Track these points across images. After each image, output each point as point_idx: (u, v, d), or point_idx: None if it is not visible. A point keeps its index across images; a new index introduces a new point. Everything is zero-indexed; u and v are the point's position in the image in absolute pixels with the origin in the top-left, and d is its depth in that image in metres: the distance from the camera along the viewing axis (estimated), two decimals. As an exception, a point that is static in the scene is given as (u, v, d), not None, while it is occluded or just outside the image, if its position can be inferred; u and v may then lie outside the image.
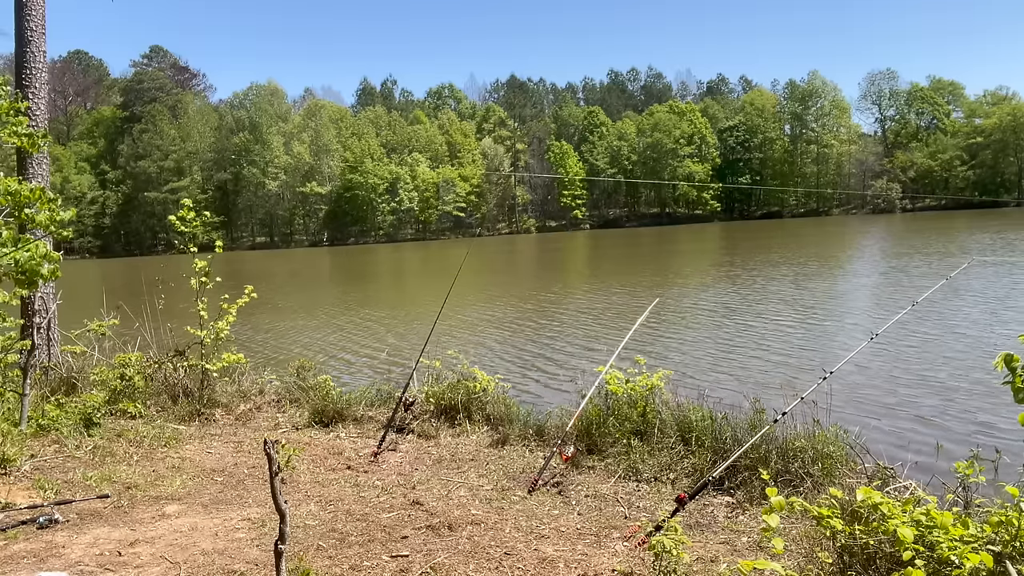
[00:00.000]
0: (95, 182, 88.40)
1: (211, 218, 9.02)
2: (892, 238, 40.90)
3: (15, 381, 6.42)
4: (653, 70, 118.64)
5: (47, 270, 4.72)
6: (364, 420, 7.05)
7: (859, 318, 14.49)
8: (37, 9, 8.08)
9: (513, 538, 4.13)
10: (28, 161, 7.78)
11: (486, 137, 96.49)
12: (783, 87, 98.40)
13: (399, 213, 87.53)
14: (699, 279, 24.40)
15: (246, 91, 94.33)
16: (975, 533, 2.78)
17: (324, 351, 13.66)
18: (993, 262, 22.33)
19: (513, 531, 4.26)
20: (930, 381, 9.07)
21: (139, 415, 6.87)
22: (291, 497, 4.86)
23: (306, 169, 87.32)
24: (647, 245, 49.88)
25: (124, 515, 4.61)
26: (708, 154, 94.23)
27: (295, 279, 35.54)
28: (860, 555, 3.07)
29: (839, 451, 4.82)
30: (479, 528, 4.29)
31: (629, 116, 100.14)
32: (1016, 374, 2.84)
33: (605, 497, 4.84)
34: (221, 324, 7.43)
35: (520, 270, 36.02)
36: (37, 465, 5.46)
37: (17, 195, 5.13)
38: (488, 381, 6.90)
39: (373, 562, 3.81)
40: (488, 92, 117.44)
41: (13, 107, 5.54)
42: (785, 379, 9.06)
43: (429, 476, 5.41)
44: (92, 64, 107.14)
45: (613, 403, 5.89)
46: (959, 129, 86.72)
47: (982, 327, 12.27)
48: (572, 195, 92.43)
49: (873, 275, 22.91)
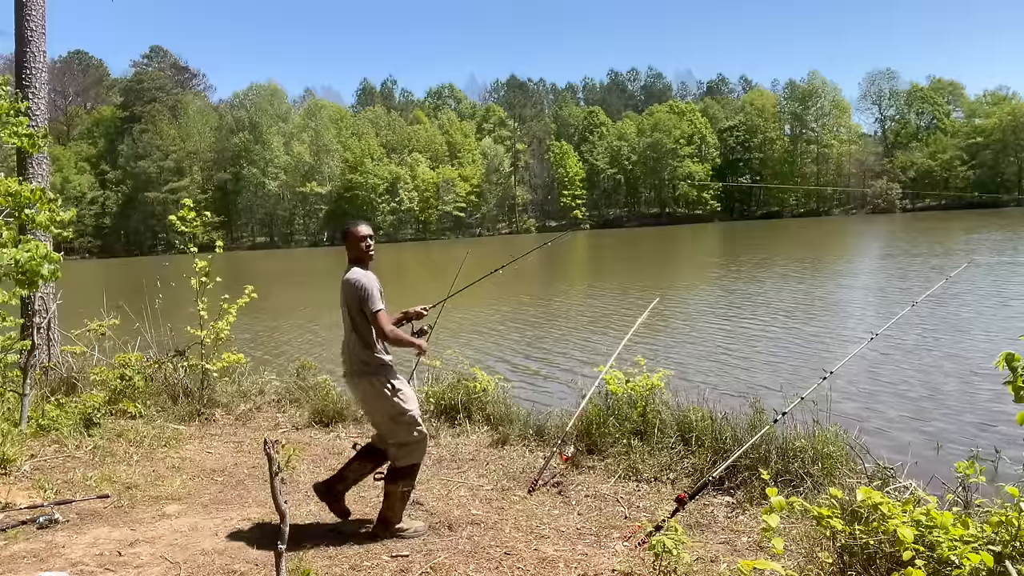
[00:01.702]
0: (95, 182, 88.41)
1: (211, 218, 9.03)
2: (892, 238, 40.91)
3: (15, 381, 6.42)
4: (653, 70, 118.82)
5: (48, 270, 4.72)
6: (364, 420, 7.04)
7: (859, 318, 14.50)
8: (37, 9, 8.08)
9: (513, 538, 4.14)
10: (28, 161, 7.78)
11: (486, 137, 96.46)
12: (783, 87, 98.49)
13: (399, 213, 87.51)
14: (699, 279, 24.40)
15: (246, 91, 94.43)
16: (975, 533, 2.78)
17: (324, 351, 13.65)
18: (993, 262, 22.34)
19: (513, 531, 4.26)
20: (930, 381, 9.06)
21: (139, 415, 6.86)
22: (291, 497, 4.86)
23: (306, 169, 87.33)
24: (647, 245, 49.89)
25: (124, 515, 4.61)
26: (708, 154, 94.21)
27: (295, 279, 35.53)
28: (860, 555, 3.07)
29: (839, 451, 4.82)
30: (479, 528, 4.30)
31: (629, 116, 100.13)
32: (1017, 373, 2.84)
33: (605, 497, 4.84)
34: (221, 324, 7.43)
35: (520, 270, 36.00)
36: (37, 465, 5.46)
37: (18, 196, 5.13)
38: (488, 381, 6.90)
39: (373, 562, 3.81)
40: (488, 92, 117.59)
41: (13, 107, 5.54)
42: (785, 379, 9.07)
43: (429, 476, 5.41)
44: (92, 64, 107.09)
45: (613, 403, 5.89)
46: (959, 129, 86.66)
47: (982, 326, 12.27)
48: (572, 195, 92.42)
49: (873, 275, 22.91)
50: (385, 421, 4.13)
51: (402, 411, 4.07)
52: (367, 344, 4.06)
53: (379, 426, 4.24)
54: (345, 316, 4.14)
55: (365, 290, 4.00)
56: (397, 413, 4.06)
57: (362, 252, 4.17)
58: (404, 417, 4.07)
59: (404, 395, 4.11)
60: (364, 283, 4.02)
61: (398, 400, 4.06)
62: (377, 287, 4.06)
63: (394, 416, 4.07)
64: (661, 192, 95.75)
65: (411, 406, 4.13)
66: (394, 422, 4.09)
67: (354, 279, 4.04)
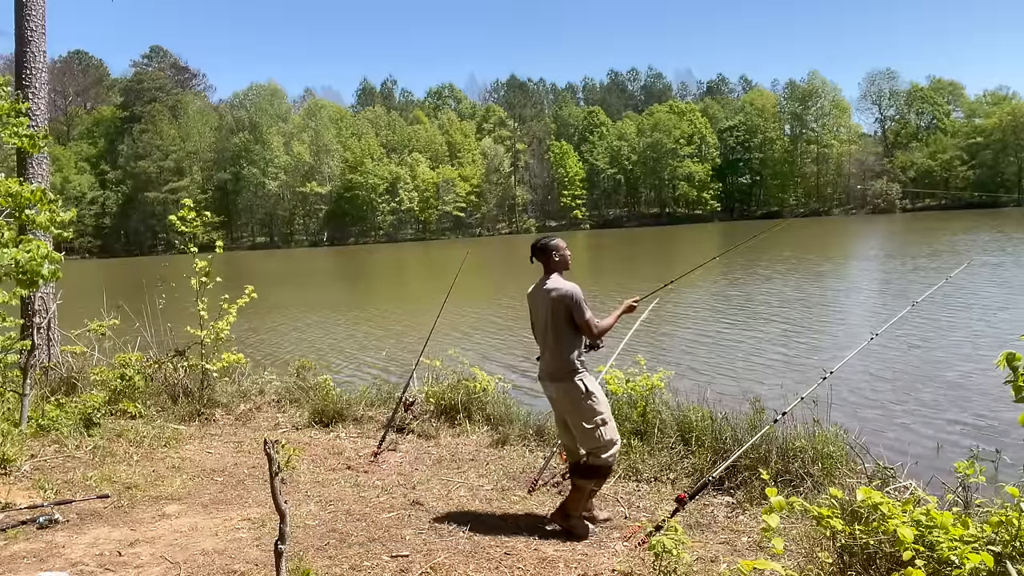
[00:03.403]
0: (95, 182, 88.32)
1: (211, 218, 9.02)
2: (892, 238, 40.91)
3: (15, 381, 6.42)
4: (653, 70, 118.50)
5: (48, 271, 4.72)
6: (364, 420, 7.05)
7: (859, 317, 14.50)
8: (37, 9, 8.08)
9: (513, 538, 4.14)
10: (28, 161, 7.78)
11: (486, 137, 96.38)
12: (783, 87, 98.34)
13: (399, 213, 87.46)
14: (699, 279, 24.39)
15: (246, 91, 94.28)
16: (975, 533, 2.78)
17: (324, 351, 13.66)
18: (993, 262, 22.33)
19: (513, 531, 4.26)
20: (930, 380, 9.07)
21: (139, 415, 6.87)
22: (291, 497, 4.86)
23: (306, 169, 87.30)
24: (647, 245, 49.88)
25: (124, 515, 4.61)
26: (708, 154, 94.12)
27: (295, 279, 35.53)
28: (860, 555, 3.07)
29: (839, 451, 4.82)
30: (479, 528, 4.29)
31: (629, 116, 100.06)
32: (1017, 373, 2.84)
33: (605, 497, 4.84)
34: (221, 324, 7.43)
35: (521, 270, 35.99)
36: (37, 465, 5.46)
37: (18, 196, 5.13)
38: (488, 381, 6.90)
39: (373, 562, 3.81)
40: (488, 92, 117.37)
41: (14, 108, 5.54)
42: (785, 379, 9.07)
43: (429, 476, 5.41)
44: (92, 64, 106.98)
45: (613, 403, 5.88)
46: (959, 129, 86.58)
47: (982, 326, 12.28)
48: (572, 195, 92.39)
49: (873, 274, 22.92)
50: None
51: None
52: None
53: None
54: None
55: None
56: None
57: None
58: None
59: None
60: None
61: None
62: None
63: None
64: (661, 192, 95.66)
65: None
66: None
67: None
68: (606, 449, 4.17)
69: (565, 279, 4.32)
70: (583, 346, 4.31)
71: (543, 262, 4.39)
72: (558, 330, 4.21)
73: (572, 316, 4.18)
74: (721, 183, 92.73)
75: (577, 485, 4.23)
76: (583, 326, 4.18)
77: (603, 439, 4.15)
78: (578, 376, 4.17)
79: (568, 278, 4.34)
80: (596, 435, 4.15)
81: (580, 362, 4.22)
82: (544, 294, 4.27)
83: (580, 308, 4.16)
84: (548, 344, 4.27)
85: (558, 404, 4.34)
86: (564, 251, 4.40)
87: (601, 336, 4.32)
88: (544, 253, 4.37)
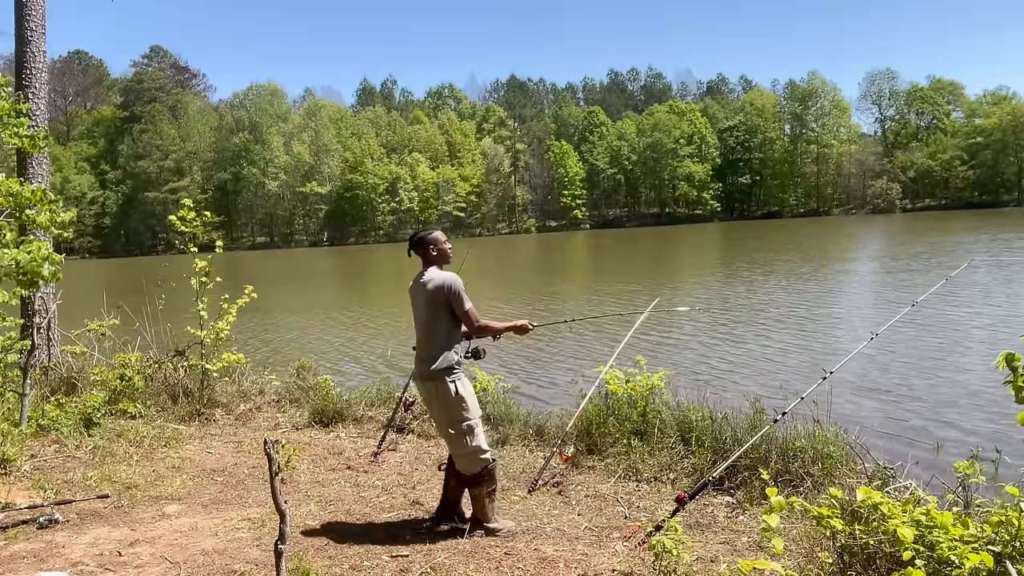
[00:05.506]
0: (95, 182, 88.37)
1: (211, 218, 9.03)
2: (892, 238, 40.91)
3: (15, 381, 6.42)
4: (653, 70, 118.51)
5: (48, 271, 4.72)
6: (364, 420, 7.05)
7: (859, 318, 14.49)
8: (37, 9, 8.08)
9: (513, 538, 4.13)
10: (28, 161, 7.78)
11: (486, 137, 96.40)
12: (783, 87, 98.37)
13: (399, 213, 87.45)
14: (699, 279, 24.40)
15: (246, 91, 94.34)
16: (975, 533, 2.78)
17: (324, 351, 13.66)
18: (993, 262, 22.33)
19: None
20: (930, 381, 9.06)
21: (139, 415, 6.86)
22: (291, 497, 4.86)
23: (306, 169, 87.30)
24: (647, 245, 49.89)
25: (124, 515, 4.61)
26: (708, 154, 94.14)
27: (295, 279, 35.53)
28: (860, 555, 3.07)
29: (839, 451, 4.82)
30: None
31: (629, 116, 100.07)
32: (1017, 373, 2.83)
33: (605, 497, 4.84)
34: (221, 324, 7.43)
35: (521, 270, 36.04)
36: (37, 465, 5.46)
37: (18, 196, 5.13)
38: (488, 381, 6.90)
39: (373, 562, 3.80)
40: (488, 92, 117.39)
41: (14, 108, 5.54)
42: (785, 379, 9.06)
43: (429, 476, 5.41)
44: (92, 64, 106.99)
45: (613, 403, 5.89)
46: (959, 129, 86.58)
47: (982, 326, 12.27)
48: (572, 195, 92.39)
49: (873, 274, 22.91)
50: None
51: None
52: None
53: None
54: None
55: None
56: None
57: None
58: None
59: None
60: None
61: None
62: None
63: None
64: (661, 192, 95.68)
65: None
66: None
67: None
68: (475, 455, 4.08)
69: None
70: (463, 349, 4.18)
71: (421, 256, 4.23)
72: (437, 324, 4.07)
73: (451, 307, 4.06)
74: (721, 183, 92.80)
75: (472, 494, 4.18)
76: (463, 316, 4.05)
77: (469, 446, 4.06)
78: (451, 377, 4.04)
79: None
80: (462, 442, 4.07)
81: (457, 363, 4.09)
82: (421, 287, 4.13)
83: (460, 298, 4.03)
84: (425, 340, 4.14)
85: (428, 405, 4.25)
86: (443, 244, 4.22)
87: (483, 332, 4.17)
88: (421, 246, 4.21)
